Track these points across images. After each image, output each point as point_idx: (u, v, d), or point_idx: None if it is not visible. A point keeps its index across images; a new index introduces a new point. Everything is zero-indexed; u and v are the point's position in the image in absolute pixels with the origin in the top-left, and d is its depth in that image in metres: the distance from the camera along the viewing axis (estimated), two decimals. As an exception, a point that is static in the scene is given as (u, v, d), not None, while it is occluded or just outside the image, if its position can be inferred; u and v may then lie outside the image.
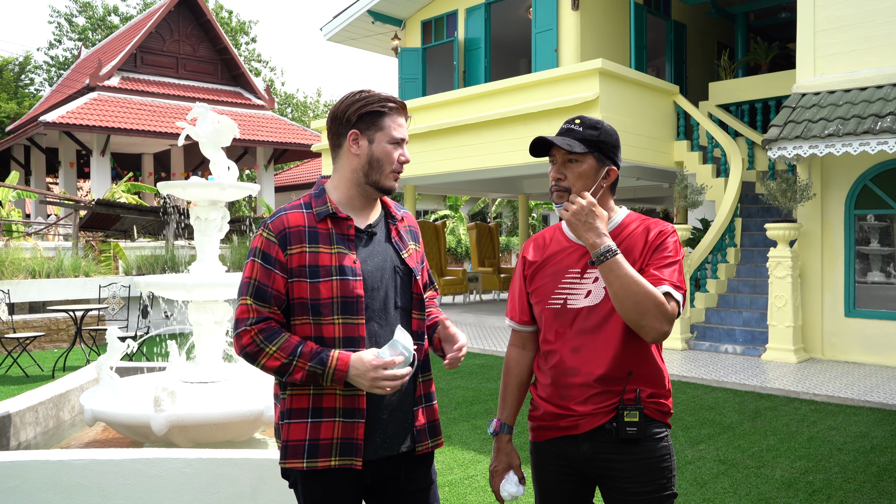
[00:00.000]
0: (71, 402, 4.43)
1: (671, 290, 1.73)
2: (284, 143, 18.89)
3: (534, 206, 24.14)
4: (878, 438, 4.94)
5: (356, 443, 1.74)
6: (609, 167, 1.85)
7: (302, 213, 1.78)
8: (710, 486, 3.99)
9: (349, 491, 1.78)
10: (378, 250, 1.83)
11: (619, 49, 11.51)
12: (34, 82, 31.50)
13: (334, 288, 1.73)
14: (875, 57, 7.63)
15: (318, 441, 1.74)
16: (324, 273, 1.73)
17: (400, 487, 1.86)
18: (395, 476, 1.85)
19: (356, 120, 1.80)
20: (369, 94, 1.82)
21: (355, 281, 1.75)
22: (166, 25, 18.85)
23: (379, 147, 1.81)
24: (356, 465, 1.74)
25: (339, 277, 1.74)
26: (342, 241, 1.78)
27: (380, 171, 1.81)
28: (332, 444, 1.74)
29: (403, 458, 1.85)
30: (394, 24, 13.73)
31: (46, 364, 8.25)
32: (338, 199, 1.83)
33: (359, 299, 1.75)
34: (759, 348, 8.16)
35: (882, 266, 8.02)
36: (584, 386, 1.79)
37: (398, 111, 1.83)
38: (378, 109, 1.80)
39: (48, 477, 2.93)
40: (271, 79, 35.54)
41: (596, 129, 1.83)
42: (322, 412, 1.75)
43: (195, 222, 4.13)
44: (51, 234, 15.59)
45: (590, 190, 1.83)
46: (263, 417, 3.62)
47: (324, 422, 1.75)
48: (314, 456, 1.73)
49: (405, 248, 1.88)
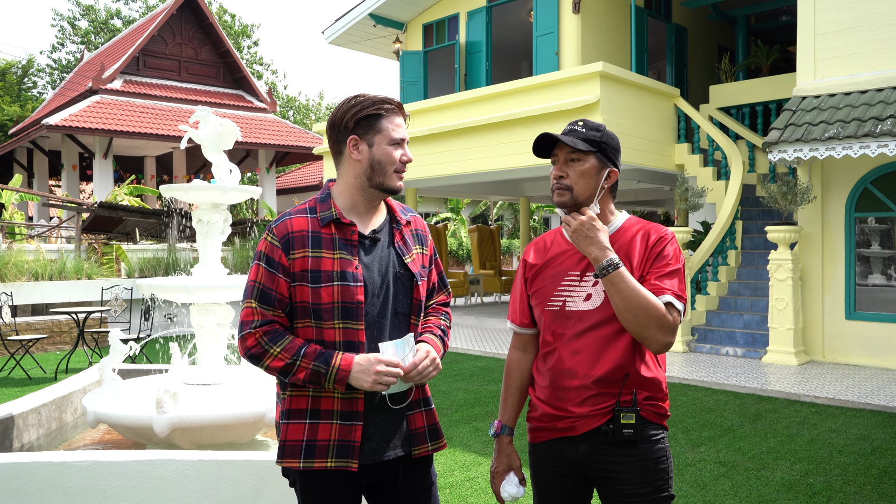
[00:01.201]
0: (73, 403, 4.45)
1: (673, 301, 1.76)
2: (286, 146, 18.92)
3: (535, 209, 24.16)
4: (879, 441, 4.94)
5: (353, 445, 1.77)
6: (610, 169, 1.87)
7: (306, 218, 1.81)
8: (711, 489, 4.00)
9: (346, 491, 1.80)
10: (380, 256, 1.84)
11: (620, 52, 11.53)
12: (37, 85, 31.59)
13: (335, 293, 1.76)
14: (875, 60, 7.65)
15: (316, 442, 1.76)
16: (325, 278, 1.76)
17: (398, 489, 1.88)
18: (392, 478, 1.86)
19: (354, 126, 1.82)
20: (364, 98, 1.84)
21: (356, 287, 1.77)
22: (169, 28, 18.91)
23: (379, 149, 1.82)
24: (352, 467, 1.76)
25: (341, 283, 1.76)
26: (345, 246, 1.80)
27: (383, 173, 1.83)
28: (328, 446, 1.76)
29: (401, 459, 1.86)
30: (395, 27, 13.77)
31: (49, 366, 8.28)
32: (342, 204, 1.86)
33: (359, 305, 1.77)
34: (760, 351, 8.17)
35: (882, 269, 8.02)
36: (581, 388, 1.81)
37: (395, 112, 1.85)
38: (374, 113, 1.81)
39: (51, 478, 2.95)
40: (273, 82, 35.62)
41: (598, 131, 1.86)
42: (320, 414, 1.78)
43: (197, 225, 4.15)
44: (53, 236, 15.64)
45: (591, 190, 1.85)
46: (265, 419, 3.64)
47: (321, 423, 1.77)
48: (311, 456, 1.76)
49: (408, 253, 1.89)
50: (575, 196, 1.85)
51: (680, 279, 1.81)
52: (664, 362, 1.91)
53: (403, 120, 1.88)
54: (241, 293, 1.86)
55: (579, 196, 1.85)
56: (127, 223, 13.02)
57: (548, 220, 27.04)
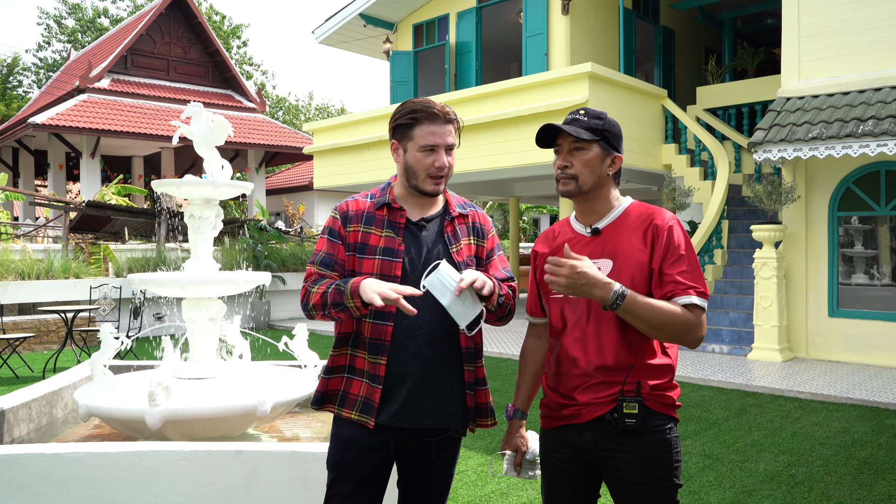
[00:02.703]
0: (64, 399, 4.45)
1: (696, 301, 1.75)
2: (276, 146, 18.89)
3: (524, 210, 24.24)
4: (859, 434, 5.05)
5: (373, 404, 1.96)
6: (614, 155, 1.90)
7: (365, 201, 2.06)
8: (696, 480, 4.07)
9: (365, 450, 1.98)
10: (426, 241, 2.02)
11: (608, 53, 11.64)
12: (22, 84, 31.33)
13: (376, 265, 1.97)
14: (857, 62, 7.78)
15: (349, 395, 2.01)
16: (369, 252, 1.99)
17: (425, 467, 2.07)
18: (424, 454, 2.04)
19: (393, 132, 2.04)
20: (405, 105, 2.01)
21: (395, 262, 1.97)
22: (157, 28, 18.83)
23: (411, 156, 2.00)
24: (369, 423, 1.95)
25: (382, 257, 1.98)
26: (392, 227, 2.02)
27: (415, 177, 2.01)
28: (357, 400, 2.00)
29: (429, 435, 2.01)
30: (385, 27, 13.81)
31: (37, 365, 8.24)
32: (397, 193, 2.08)
33: (395, 279, 1.95)
34: (746, 348, 8.28)
35: (864, 267, 8.16)
36: (584, 375, 1.83)
37: (430, 119, 1.97)
38: (406, 122, 1.99)
39: (43, 470, 2.95)
40: (263, 82, 35.52)
41: (600, 119, 1.89)
42: (355, 371, 2.01)
43: (189, 220, 4.16)
44: (40, 236, 15.53)
45: (596, 178, 1.88)
46: (257, 413, 3.66)
47: (355, 380, 2.01)
48: (343, 405, 2.01)
49: (456, 244, 2.04)
50: (580, 185, 1.88)
51: (696, 266, 1.80)
52: (675, 348, 1.88)
53: (444, 126, 1.98)
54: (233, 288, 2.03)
55: (584, 185, 1.88)
56: (115, 223, 12.96)
57: (537, 220, 27.14)
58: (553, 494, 1.95)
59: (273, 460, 3.01)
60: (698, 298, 1.76)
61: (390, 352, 1.96)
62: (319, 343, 8.69)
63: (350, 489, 1.99)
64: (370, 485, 2.00)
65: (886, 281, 8.03)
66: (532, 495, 3.77)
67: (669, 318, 1.72)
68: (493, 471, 2.05)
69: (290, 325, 11.62)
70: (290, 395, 3.79)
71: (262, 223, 14.24)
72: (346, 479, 2.00)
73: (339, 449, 2.01)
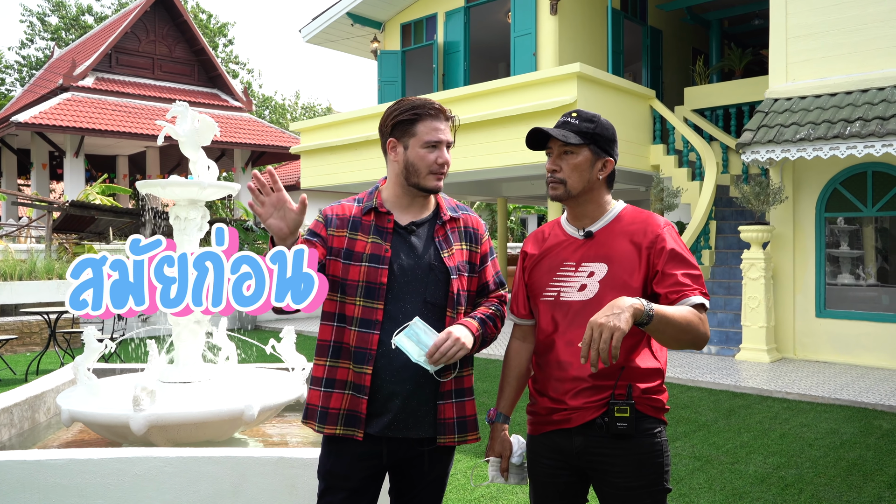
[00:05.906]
0: (47, 403, 4.36)
1: (704, 302, 1.76)
2: (262, 146, 18.77)
3: (512, 210, 24.25)
4: (848, 434, 5.07)
5: (359, 415, 1.91)
6: (605, 159, 1.87)
7: (353, 206, 2.02)
8: (686, 482, 4.06)
9: (357, 460, 1.94)
10: (416, 246, 1.96)
11: (596, 54, 11.65)
12: (5, 82, 30.93)
13: (362, 273, 1.92)
14: (844, 63, 7.83)
15: (328, 410, 1.94)
16: (356, 258, 1.94)
17: (420, 475, 2.00)
18: (417, 462, 1.98)
19: (391, 129, 1.97)
20: (403, 103, 1.96)
21: (381, 269, 1.92)
22: (142, 25, 18.64)
23: (413, 152, 1.95)
24: (357, 436, 1.91)
25: (368, 264, 1.93)
26: (379, 232, 1.96)
27: (417, 174, 1.95)
28: (339, 414, 1.93)
29: (422, 444, 1.95)
30: (373, 26, 13.75)
31: (19, 367, 8.11)
32: (386, 197, 2.02)
33: (381, 286, 1.91)
34: (734, 348, 8.31)
35: (851, 268, 8.22)
36: (576, 380, 1.80)
37: (431, 116, 1.94)
38: (408, 118, 1.94)
39: (25, 477, 2.89)
40: (249, 81, 35.30)
41: (592, 122, 1.85)
42: (335, 384, 1.94)
43: (175, 221, 4.10)
44: (22, 236, 15.32)
45: (585, 182, 1.85)
46: (243, 417, 3.60)
47: (335, 392, 1.94)
48: (324, 422, 1.94)
49: (447, 248, 1.98)
50: (569, 189, 1.86)
51: (693, 265, 1.80)
52: (665, 352, 1.88)
53: (444, 123, 1.96)
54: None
55: (573, 189, 1.86)
56: (99, 222, 12.81)
57: (525, 220, 27.17)
58: (541, 500, 1.93)
59: (260, 466, 2.96)
60: (704, 298, 1.77)
61: (379, 361, 1.91)
62: (307, 345, 8.62)
63: (341, 499, 1.93)
64: (362, 495, 1.95)
65: (872, 281, 8.09)
66: (521, 499, 3.74)
67: (687, 324, 1.69)
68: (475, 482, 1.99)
69: (278, 328, 11.53)
70: (277, 399, 3.74)
71: (249, 223, 14.13)
72: (337, 488, 1.95)
73: (331, 458, 1.96)
